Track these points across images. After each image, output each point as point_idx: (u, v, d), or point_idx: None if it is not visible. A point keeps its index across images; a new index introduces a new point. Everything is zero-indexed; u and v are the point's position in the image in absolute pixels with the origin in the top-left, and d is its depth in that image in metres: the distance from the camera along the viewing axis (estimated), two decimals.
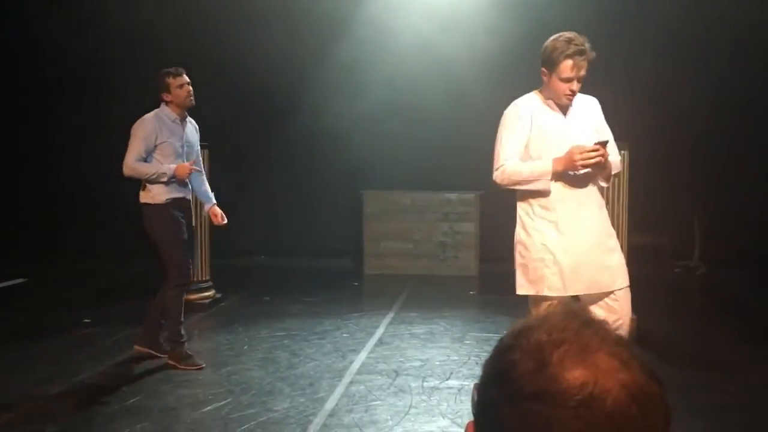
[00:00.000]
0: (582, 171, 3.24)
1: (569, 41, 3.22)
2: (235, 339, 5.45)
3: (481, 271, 7.98)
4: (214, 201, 5.00)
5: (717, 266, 7.73)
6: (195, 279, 6.42)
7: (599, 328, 0.72)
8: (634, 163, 5.73)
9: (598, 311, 3.19)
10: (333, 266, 8.41)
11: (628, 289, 3.40)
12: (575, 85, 3.25)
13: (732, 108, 7.70)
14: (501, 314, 5.96)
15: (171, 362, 4.70)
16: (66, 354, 5.02)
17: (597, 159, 3.14)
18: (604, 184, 3.38)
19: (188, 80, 4.67)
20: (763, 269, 7.33)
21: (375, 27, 8.23)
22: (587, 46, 3.25)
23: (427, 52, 8.17)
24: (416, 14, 8.16)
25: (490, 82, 8.04)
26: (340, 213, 8.60)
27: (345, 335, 5.55)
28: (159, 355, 4.81)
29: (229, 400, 4.14)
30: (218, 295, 6.68)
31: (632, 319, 5.58)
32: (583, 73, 3.25)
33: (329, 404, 4.07)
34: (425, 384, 4.41)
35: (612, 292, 3.36)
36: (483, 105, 8.19)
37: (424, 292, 7.15)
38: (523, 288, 3.36)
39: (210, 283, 6.65)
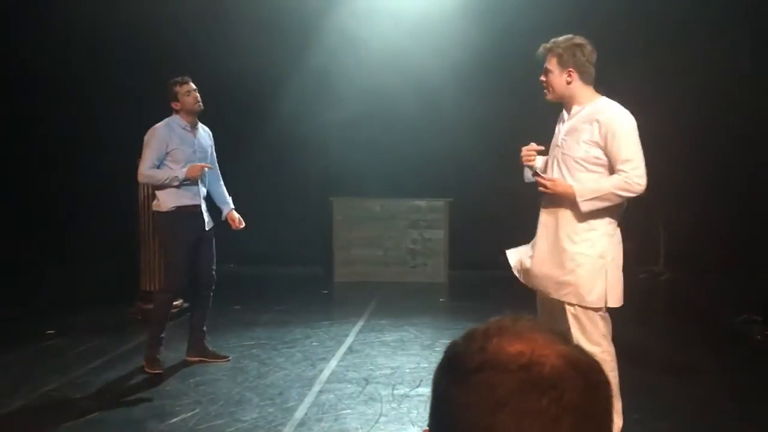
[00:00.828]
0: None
1: None
2: None
3: (450, 278, 8.01)
4: (232, 206, 5.10)
5: (681, 272, 7.86)
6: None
7: (537, 323, 0.78)
8: None
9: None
10: (302, 274, 8.38)
11: (572, 309, 3.35)
12: (541, 78, 3.39)
13: (695, 115, 7.85)
14: (471, 321, 5.96)
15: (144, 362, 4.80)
16: (30, 366, 4.91)
17: (542, 188, 3.30)
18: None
19: (194, 87, 4.80)
20: (726, 275, 7.48)
21: (344, 35, 8.24)
22: (549, 42, 3.39)
23: (397, 60, 8.20)
24: (385, 22, 8.19)
25: (459, 89, 8.10)
26: (310, 220, 8.57)
27: (315, 344, 5.53)
28: (210, 360, 4.98)
29: (196, 410, 4.09)
30: (185, 305, 6.59)
31: None
32: (545, 66, 3.36)
33: (299, 414, 4.04)
34: (395, 392, 4.41)
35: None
36: (453, 112, 8.27)
37: (394, 300, 7.15)
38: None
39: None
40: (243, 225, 5.08)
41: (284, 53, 8.27)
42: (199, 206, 4.80)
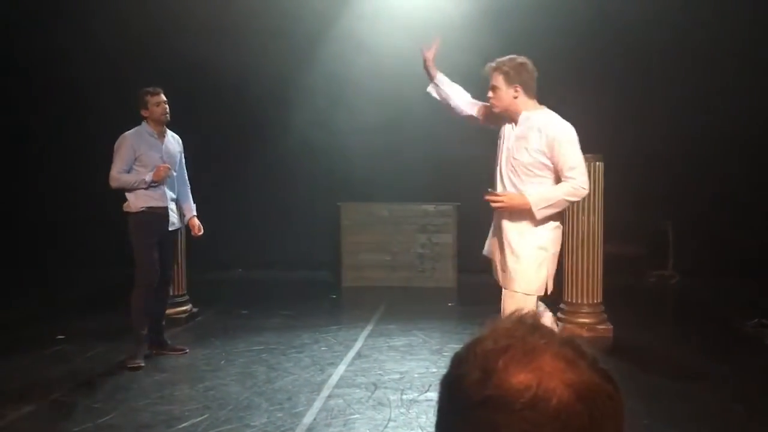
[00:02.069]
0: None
1: None
2: (211, 353, 5.40)
3: (459, 282, 8.00)
4: (194, 213, 5.47)
5: (691, 276, 7.82)
6: (171, 293, 6.39)
7: (546, 331, 0.74)
8: (608, 174, 5.80)
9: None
10: (311, 279, 8.38)
11: (513, 293, 3.73)
12: (489, 93, 3.78)
13: (707, 119, 7.82)
14: (479, 326, 5.95)
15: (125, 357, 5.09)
16: (39, 371, 4.93)
17: (497, 205, 3.64)
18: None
19: (165, 99, 5.11)
20: (736, 278, 7.44)
21: (352, 41, 8.26)
22: (494, 62, 3.82)
23: (405, 65, 8.18)
24: (395, 28, 8.20)
25: (468, 93, 8.08)
26: (318, 225, 8.57)
27: (323, 348, 5.52)
28: (167, 352, 5.29)
29: (205, 416, 4.09)
30: (195, 309, 6.61)
31: (608, 328, 5.69)
32: (492, 83, 3.75)
33: (307, 419, 4.04)
34: (404, 397, 4.40)
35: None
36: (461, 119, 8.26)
37: (403, 304, 7.14)
38: None
39: (186, 297, 6.58)
40: (201, 232, 5.40)
41: (292, 59, 8.29)
42: (166, 208, 5.11)
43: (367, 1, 8.35)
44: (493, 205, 3.63)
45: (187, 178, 5.46)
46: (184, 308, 6.49)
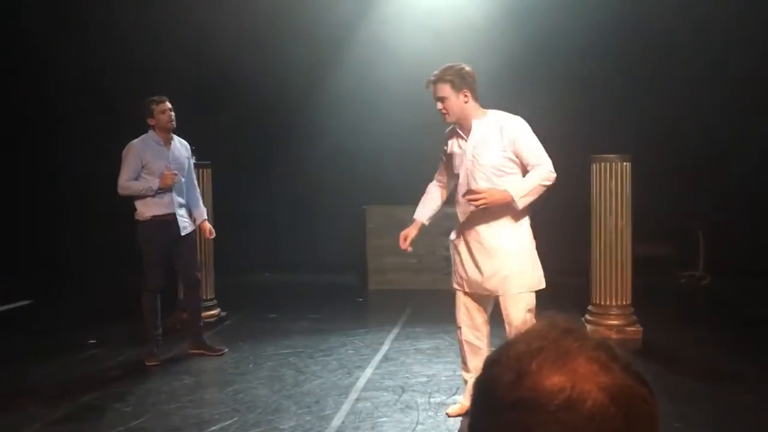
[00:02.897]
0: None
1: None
2: (240, 357, 5.44)
3: None
4: (205, 216, 5.51)
5: (722, 276, 7.70)
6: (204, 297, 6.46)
7: (579, 334, 0.73)
8: (637, 175, 5.73)
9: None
10: (337, 282, 8.40)
11: (517, 295, 3.77)
12: (438, 106, 3.79)
13: (735, 118, 7.71)
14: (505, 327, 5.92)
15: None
16: (71, 376, 5.01)
17: (479, 203, 3.64)
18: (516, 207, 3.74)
19: (170, 106, 5.19)
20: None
21: (376, 44, 8.28)
22: (435, 75, 3.82)
23: (429, 69, 8.19)
24: (418, 31, 8.20)
25: (492, 97, 8.04)
26: (343, 228, 8.60)
27: (350, 352, 5.53)
28: (208, 353, 5.42)
29: (234, 419, 4.12)
30: (223, 314, 6.67)
31: (637, 330, 5.62)
32: (439, 95, 3.76)
33: (336, 422, 4.05)
34: (432, 400, 4.39)
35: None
36: None
37: (429, 307, 7.12)
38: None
39: (215, 302, 6.64)
40: (213, 236, 5.51)
41: (317, 64, 8.34)
42: (174, 214, 5.17)
43: (389, 4, 8.36)
44: (476, 203, 3.64)
45: (196, 182, 5.53)
46: (212, 312, 6.54)
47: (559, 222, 7.23)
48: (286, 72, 8.17)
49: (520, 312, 3.74)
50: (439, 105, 3.78)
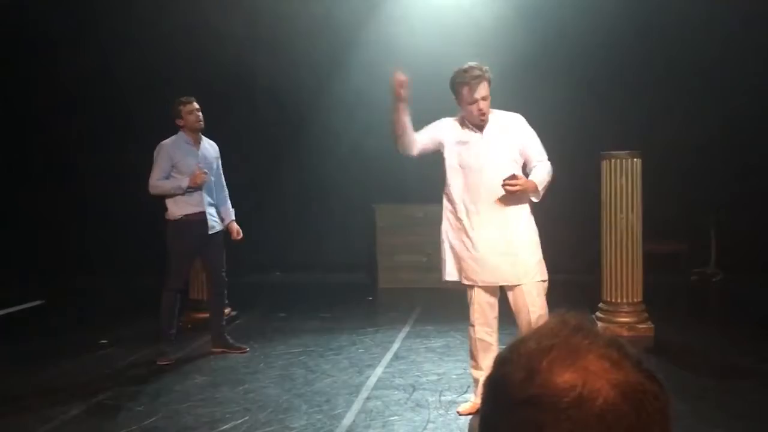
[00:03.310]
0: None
1: (465, 71, 3.93)
2: (251, 356, 5.46)
3: None
4: (233, 218, 5.56)
5: (733, 273, 7.65)
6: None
7: (589, 331, 0.73)
8: (648, 171, 5.70)
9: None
10: (347, 281, 8.41)
11: (540, 284, 3.86)
12: (482, 105, 3.84)
13: (747, 113, 7.65)
14: (516, 325, 5.91)
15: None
16: (83, 375, 5.04)
17: (516, 188, 3.71)
18: (533, 200, 3.92)
19: (197, 107, 5.29)
20: None
21: (386, 41, 8.27)
22: (483, 71, 3.91)
23: (439, 67, 8.16)
24: (428, 30, 8.19)
25: (501, 94, 8.02)
26: (353, 227, 8.60)
27: (361, 350, 5.54)
28: (231, 351, 5.46)
29: (246, 418, 4.14)
30: (234, 313, 6.69)
31: (649, 327, 5.59)
32: (484, 93, 3.85)
33: (346, 420, 4.05)
34: (442, 398, 4.39)
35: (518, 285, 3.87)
36: None
37: (439, 306, 7.11)
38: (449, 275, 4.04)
39: (226, 301, 6.65)
40: (241, 236, 5.55)
41: (326, 61, 8.34)
42: (204, 213, 5.25)
43: (396, 4, 8.35)
44: (513, 189, 3.70)
45: (224, 183, 5.58)
46: (225, 311, 6.56)
47: (569, 219, 7.21)
48: (297, 72, 8.18)
49: (543, 300, 3.84)
50: (483, 104, 3.84)
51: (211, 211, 5.30)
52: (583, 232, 6.85)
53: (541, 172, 3.84)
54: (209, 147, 5.44)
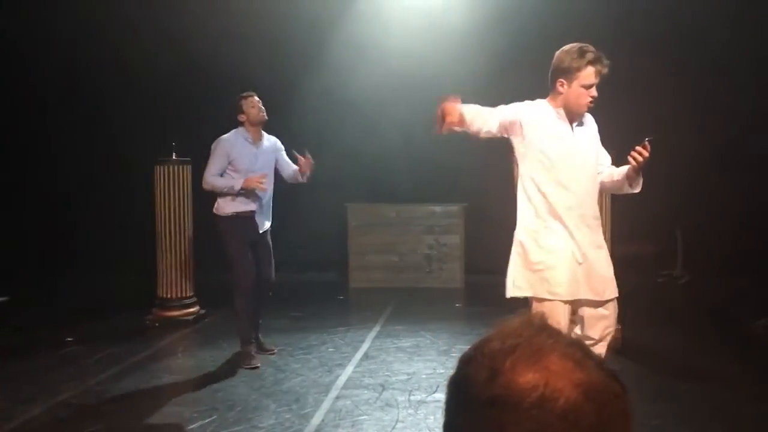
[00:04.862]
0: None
1: (584, 50, 3.35)
2: (220, 355, 5.41)
3: (466, 283, 7.99)
4: (295, 167, 5.35)
5: (700, 275, 7.78)
6: (178, 295, 6.41)
7: (552, 332, 0.74)
8: None
9: (590, 320, 3.39)
10: (318, 280, 8.38)
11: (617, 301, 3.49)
12: (594, 92, 3.37)
13: (714, 117, 7.78)
14: (487, 326, 5.93)
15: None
16: (48, 373, 4.95)
17: (641, 160, 3.35)
18: (635, 190, 3.58)
19: (258, 100, 5.20)
20: (745, 277, 7.39)
21: (358, 41, 8.26)
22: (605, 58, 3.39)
23: (412, 67, 8.21)
24: (401, 30, 8.20)
25: (474, 93, 8.05)
26: (325, 226, 8.57)
27: (331, 350, 5.52)
28: (261, 353, 5.30)
29: (214, 417, 4.10)
30: (203, 311, 6.63)
31: (616, 329, 5.65)
32: (597, 80, 3.37)
33: (315, 420, 4.04)
34: (412, 398, 4.39)
35: (606, 301, 3.42)
36: None
37: (410, 305, 7.14)
38: (519, 290, 3.34)
39: (194, 299, 6.60)
40: (308, 159, 5.29)
41: (297, 59, 8.30)
42: (254, 212, 5.11)
43: (367, 4, 8.34)
44: (639, 160, 3.35)
45: (290, 162, 5.44)
46: (192, 310, 6.51)
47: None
48: (267, 70, 8.12)
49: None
50: (595, 92, 3.36)
51: (261, 211, 5.16)
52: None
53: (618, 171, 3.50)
54: (269, 144, 5.28)
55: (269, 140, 5.33)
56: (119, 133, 8.30)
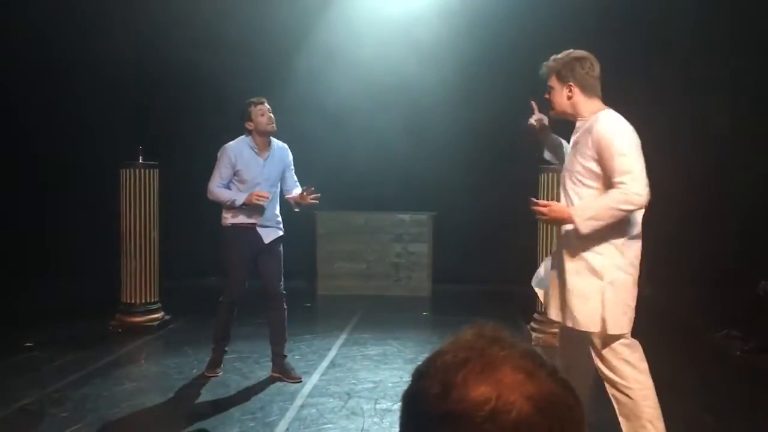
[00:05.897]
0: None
1: (592, 60, 3.33)
2: (184, 362, 5.34)
3: (433, 291, 8.01)
4: (299, 190, 5.05)
5: (662, 287, 7.91)
6: (142, 300, 6.32)
7: (506, 342, 0.73)
8: None
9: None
10: (286, 287, 8.30)
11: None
12: (546, 95, 3.35)
13: (680, 127, 7.90)
14: (454, 335, 5.96)
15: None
16: (6, 379, 4.84)
17: (541, 217, 3.22)
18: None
19: (269, 107, 4.91)
20: (707, 290, 7.53)
21: (329, 49, 8.27)
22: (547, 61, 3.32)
23: (382, 76, 8.24)
24: (371, 38, 8.23)
25: (442, 103, 8.13)
26: (293, 233, 8.49)
27: (297, 357, 5.49)
28: (285, 379, 4.89)
29: (177, 425, 4.04)
30: (167, 317, 6.54)
31: None
32: (548, 83, 3.31)
33: (280, 428, 4.01)
34: (378, 406, 4.39)
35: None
36: (436, 126, 8.31)
37: (377, 313, 7.13)
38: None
39: (158, 305, 6.51)
40: (310, 194, 4.97)
41: (266, 68, 8.26)
42: (255, 224, 4.89)
43: (338, 12, 8.35)
44: (537, 217, 3.21)
45: (296, 180, 5.17)
46: (156, 316, 6.42)
47: (507, 230, 7.33)
48: (237, 76, 8.08)
49: None
50: (546, 95, 3.30)
51: (265, 223, 4.92)
52: (521, 242, 6.97)
53: (599, 199, 3.16)
54: (277, 154, 4.98)
55: (279, 148, 5.03)
56: (86, 136, 8.18)
